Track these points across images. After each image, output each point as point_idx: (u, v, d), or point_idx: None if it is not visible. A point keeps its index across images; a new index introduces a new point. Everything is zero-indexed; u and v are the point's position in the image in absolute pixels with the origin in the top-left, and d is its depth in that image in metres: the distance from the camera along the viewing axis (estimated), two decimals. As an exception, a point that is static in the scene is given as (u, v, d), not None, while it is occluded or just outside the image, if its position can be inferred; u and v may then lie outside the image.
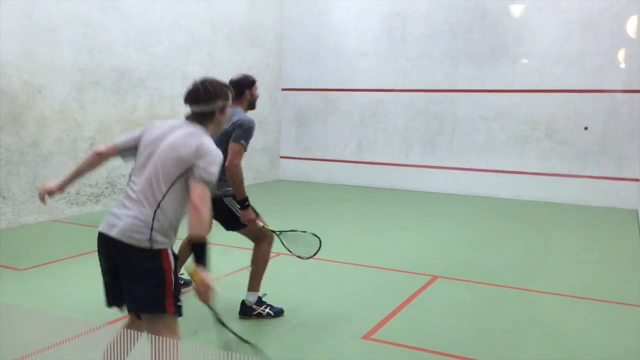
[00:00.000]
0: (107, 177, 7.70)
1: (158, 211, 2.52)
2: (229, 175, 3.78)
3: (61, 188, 2.89)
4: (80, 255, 5.43)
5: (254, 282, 4.06)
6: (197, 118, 2.69)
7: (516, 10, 9.23)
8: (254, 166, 10.29)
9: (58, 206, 7.06)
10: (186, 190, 2.54)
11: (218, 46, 9.32)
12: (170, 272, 2.54)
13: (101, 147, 2.85)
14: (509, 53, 9.32)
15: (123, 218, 2.53)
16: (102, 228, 2.60)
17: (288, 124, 11.09)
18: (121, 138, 2.80)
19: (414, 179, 10.07)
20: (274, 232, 4.03)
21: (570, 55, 8.91)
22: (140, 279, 2.52)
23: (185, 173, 2.53)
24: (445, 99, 9.83)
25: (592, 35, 8.76)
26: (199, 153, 2.52)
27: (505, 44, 9.32)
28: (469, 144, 9.70)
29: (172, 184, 2.53)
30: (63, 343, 2.84)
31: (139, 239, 2.49)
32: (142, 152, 2.65)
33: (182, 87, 9.68)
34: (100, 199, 7.62)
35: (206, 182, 2.49)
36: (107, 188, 7.72)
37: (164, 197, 2.53)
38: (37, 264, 5.11)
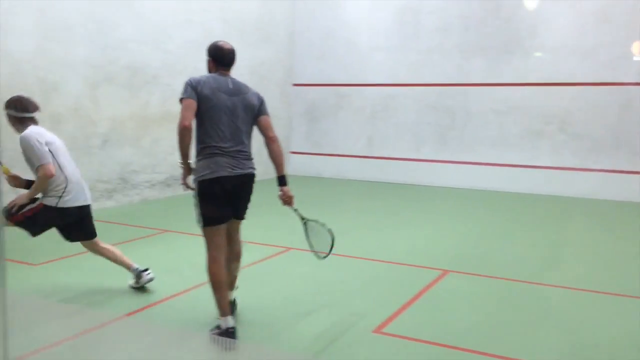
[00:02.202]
0: (119, 173, 7.78)
1: None
2: (279, 149, 3.81)
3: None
4: (95, 249, 5.50)
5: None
6: None
7: (530, 2, 9.15)
8: (264, 161, 10.22)
9: (73, 201, 7.15)
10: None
11: (230, 42, 9.31)
12: None
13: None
14: (522, 46, 9.25)
15: None
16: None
17: (299, 119, 11.11)
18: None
19: (425, 173, 10.05)
20: (304, 219, 3.87)
21: (584, 47, 8.82)
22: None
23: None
24: (457, 93, 9.78)
25: (607, 28, 8.67)
26: None
27: (519, 36, 9.25)
28: (481, 138, 9.65)
29: None
30: (81, 335, 2.90)
31: None
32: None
33: (194, 83, 9.29)
34: (112, 194, 7.70)
35: None
36: (120, 184, 7.80)
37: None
38: (52, 259, 5.18)
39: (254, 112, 3.70)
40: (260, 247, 5.73)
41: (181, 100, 3.55)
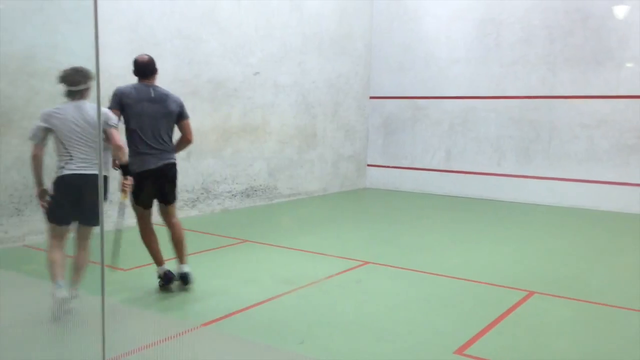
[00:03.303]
0: (202, 184, 8.04)
1: None
2: (184, 147, 4.70)
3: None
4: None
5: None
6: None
7: (620, 11, 8.68)
8: (340, 174, 10.34)
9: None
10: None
11: (308, 56, 9.48)
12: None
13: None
14: (613, 57, 8.77)
15: None
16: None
17: (375, 132, 11.06)
18: None
19: (507, 188, 9.70)
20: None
21: (684, 57, 8.24)
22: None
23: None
24: (541, 106, 9.40)
25: None
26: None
27: (609, 47, 8.78)
28: (568, 153, 9.21)
29: None
30: (161, 342, 2.99)
31: None
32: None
33: (273, 97, 9.96)
34: (196, 204, 7.96)
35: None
36: (202, 194, 8.06)
37: None
38: (139, 265, 5.41)
39: (174, 116, 4.51)
40: (337, 259, 5.72)
41: (110, 108, 4.28)
